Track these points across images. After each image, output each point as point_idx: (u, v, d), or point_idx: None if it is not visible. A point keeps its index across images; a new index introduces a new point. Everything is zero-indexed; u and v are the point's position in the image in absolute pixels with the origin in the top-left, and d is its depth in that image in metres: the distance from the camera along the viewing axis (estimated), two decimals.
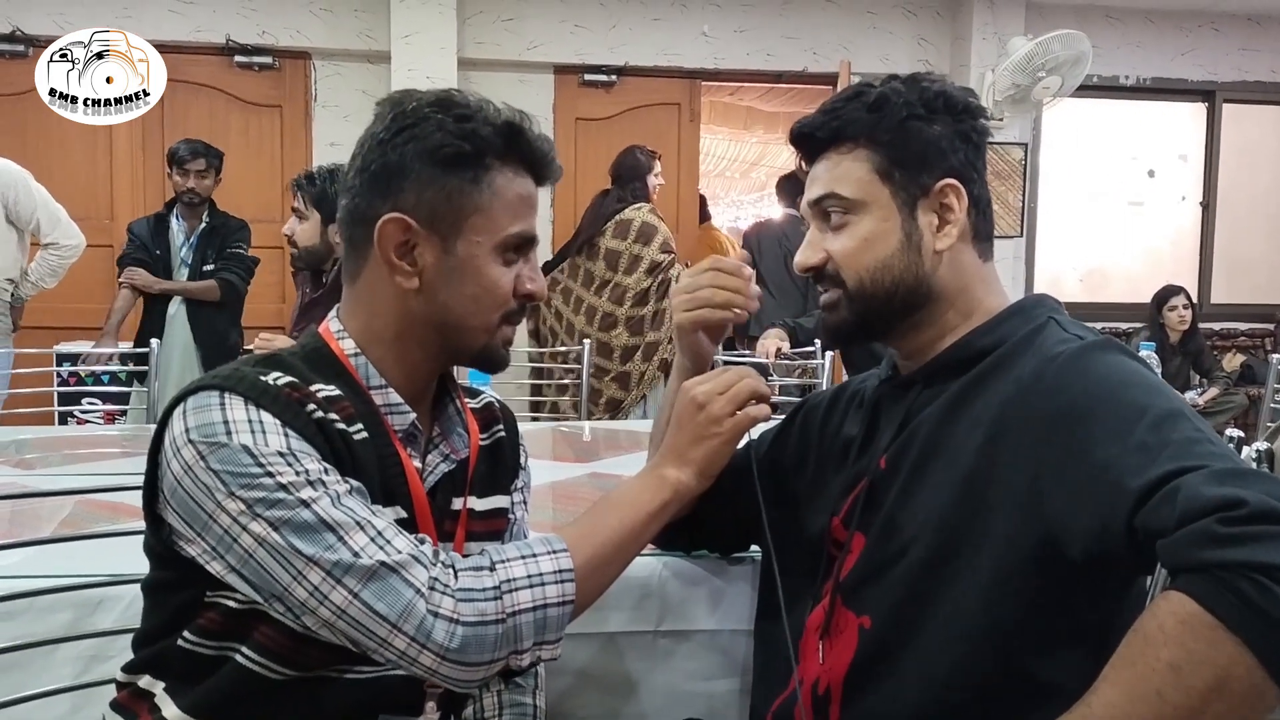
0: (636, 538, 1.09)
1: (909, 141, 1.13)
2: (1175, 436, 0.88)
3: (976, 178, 1.16)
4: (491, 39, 5.55)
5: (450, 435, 1.16)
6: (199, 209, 4.28)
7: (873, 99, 1.14)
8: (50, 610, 1.28)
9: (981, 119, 1.18)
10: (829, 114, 1.16)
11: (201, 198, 4.25)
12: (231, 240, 4.31)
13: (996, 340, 1.11)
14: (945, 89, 1.16)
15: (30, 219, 4.02)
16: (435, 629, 0.93)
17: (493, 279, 1.07)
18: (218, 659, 1.00)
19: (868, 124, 1.13)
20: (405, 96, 1.07)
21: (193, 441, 0.95)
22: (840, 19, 5.89)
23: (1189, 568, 0.80)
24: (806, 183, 1.20)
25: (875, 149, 1.13)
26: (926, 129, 1.13)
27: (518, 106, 1.11)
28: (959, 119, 1.15)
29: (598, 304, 4.22)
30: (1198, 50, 6.29)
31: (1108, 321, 6.02)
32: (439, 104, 1.05)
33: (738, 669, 1.40)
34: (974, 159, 1.16)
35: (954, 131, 1.15)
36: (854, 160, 1.14)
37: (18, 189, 3.98)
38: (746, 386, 1.16)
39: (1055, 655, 0.99)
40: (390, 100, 1.08)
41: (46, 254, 4.13)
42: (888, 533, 1.09)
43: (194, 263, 4.27)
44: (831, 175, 1.15)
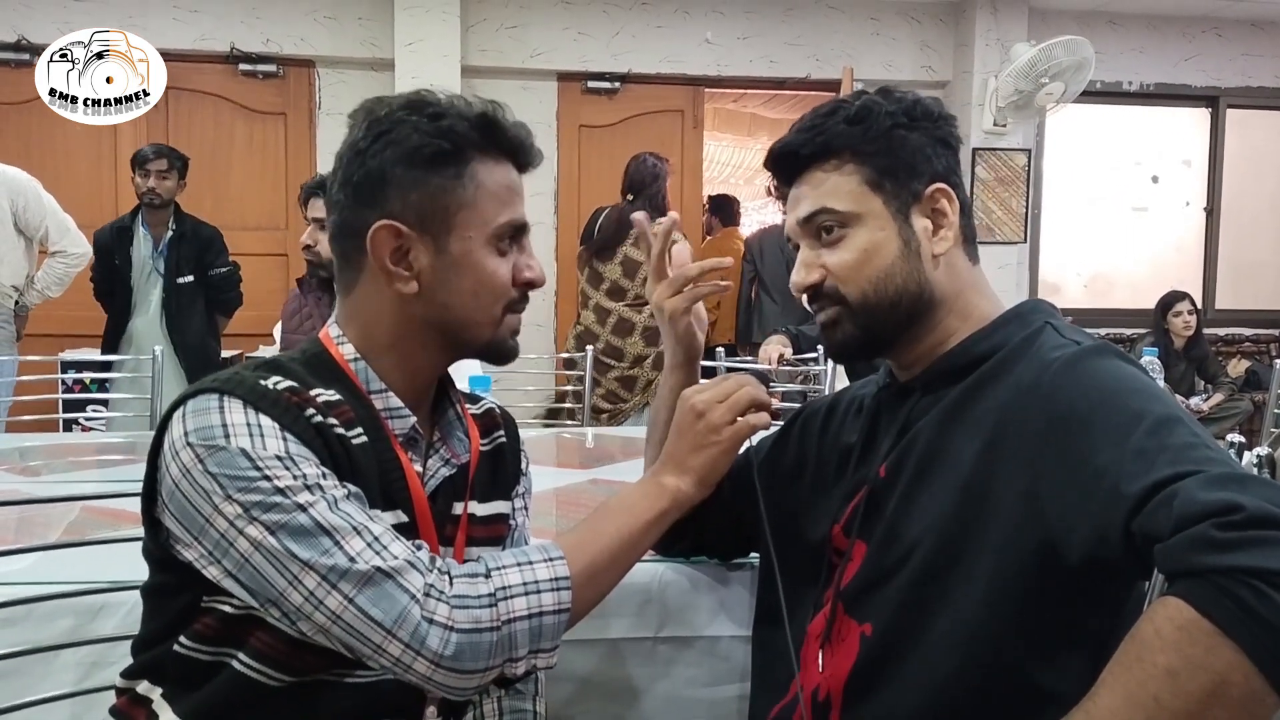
0: (634, 545, 1.09)
1: (895, 150, 1.13)
2: (1172, 441, 0.88)
3: (959, 182, 1.17)
4: (495, 46, 5.57)
5: (450, 439, 1.16)
6: (163, 213, 4.25)
7: (853, 112, 1.14)
8: (51, 616, 1.28)
9: (955, 126, 1.19)
10: (810, 130, 1.16)
11: (164, 199, 4.22)
12: (215, 260, 4.34)
13: (993, 346, 1.11)
14: (919, 97, 1.17)
15: (39, 227, 4.03)
16: (430, 636, 0.93)
17: (490, 271, 1.07)
18: (215, 664, 1.00)
19: (853, 136, 1.14)
20: (377, 104, 1.07)
21: (191, 444, 0.95)
22: (843, 26, 5.89)
23: (1186, 573, 0.79)
24: (789, 202, 1.19)
25: (862, 160, 1.13)
26: (910, 137, 1.14)
27: (521, 114, 1.12)
28: (937, 125, 1.16)
29: (612, 307, 4.22)
30: (1201, 56, 6.29)
31: (1112, 327, 6.01)
32: (411, 106, 1.05)
33: (738, 675, 1.40)
34: (954, 164, 1.17)
35: (934, 138, 1.16)
36: (841, 175, 1.14)
37: (27, 196, 4.00)
38: (746, 394, 1.15)
39: (1055, 661, 0.99)
40: (363, 109, 1.08)
41: (54, 262, 4.14)
42: (889, 540, 1.09)
43: (167, 272, 4.25)
44: (820, 191, 1.15)
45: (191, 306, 4.30)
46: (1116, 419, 0.92)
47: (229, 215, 5.29)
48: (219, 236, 4.40)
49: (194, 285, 4.30)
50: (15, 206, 3.94)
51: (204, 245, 4.32)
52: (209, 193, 5.30)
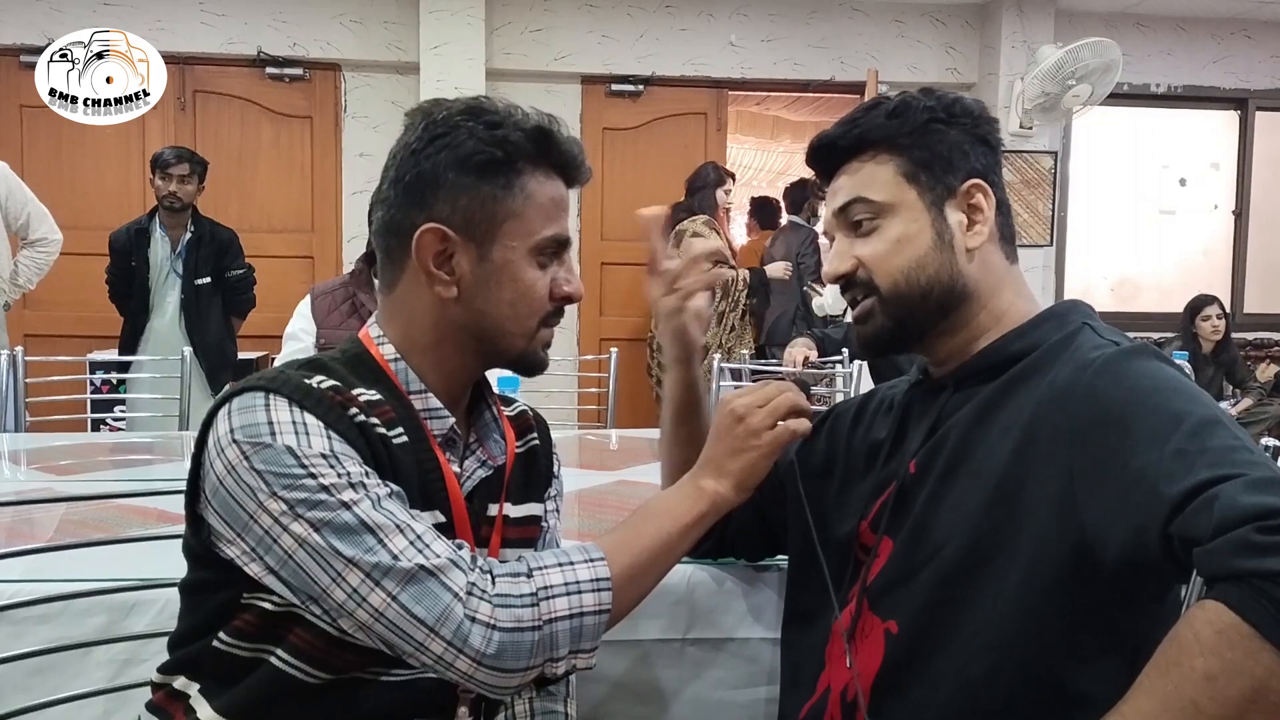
0: (673, 548, 1.09)
1: (932, 144, 1.14)
2: (1213, 444, 0.87)
3: (997, 181, 1.17)
4: (519, 49, 5.59)
5: (486, 441, 1.17)
6: (181, 216, 4.25)
7: (892, 106, 1.15)
8: (85, 614, 1.29)
9: (996, 127, 1.19)
10: (849, 124, 1.17)
11: (184, 203, 4.22)
12: (232, 262, 4.36)
13: (1030, 345, 1.10)
14: (960, 96, 1.18)
15: (21, 214, 3.89)
16: (472, 634, 0.93)
17: (528, 282, 1.08)
18: (253, 661, 1.00)
19: (890, 130, 1.14)
20: (435, 106, 1.08)
21: (237, 441, 0.96)
22: (867, 28, 5.88)
23: (1226, 576, 0.79)
24: (828, 195, 1.21)
25: (899, 153, 1.14)
26: (947, 132, 1.15)
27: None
28: (976, 124, 1.17)
29: None
30: (1230, 58, 6.24)
31: (1140, 332, 5.96)
32: (469, 112, 1.06)
33: (767, 678, 1.40)
34: (994, 163, 1.18)
35: (973, 135, 1.16)
36: (878, 165, 1.15)
37: (9, 183, 3.86)
38: (786, 400, 1.15)
39: (1088, 664, 0.98)
40: (421, 110, 1.09)
41: (34, 251, 3.98)
42: (917, 537, 1.09)
43: (186, 274, 4.26)
44: (856, 181, 1.16)
45: (210, 308, 4.33)
46: (1156, 420, 0.91)
47: (254, 217, 5.34)
48: (236, 239, 4.42)
49: (211, 287, 4.32)
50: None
51: (222, 247, 4.34)
52: (235, 195, 5.35)
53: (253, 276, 4.47)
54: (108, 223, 4.50)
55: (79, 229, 4.69)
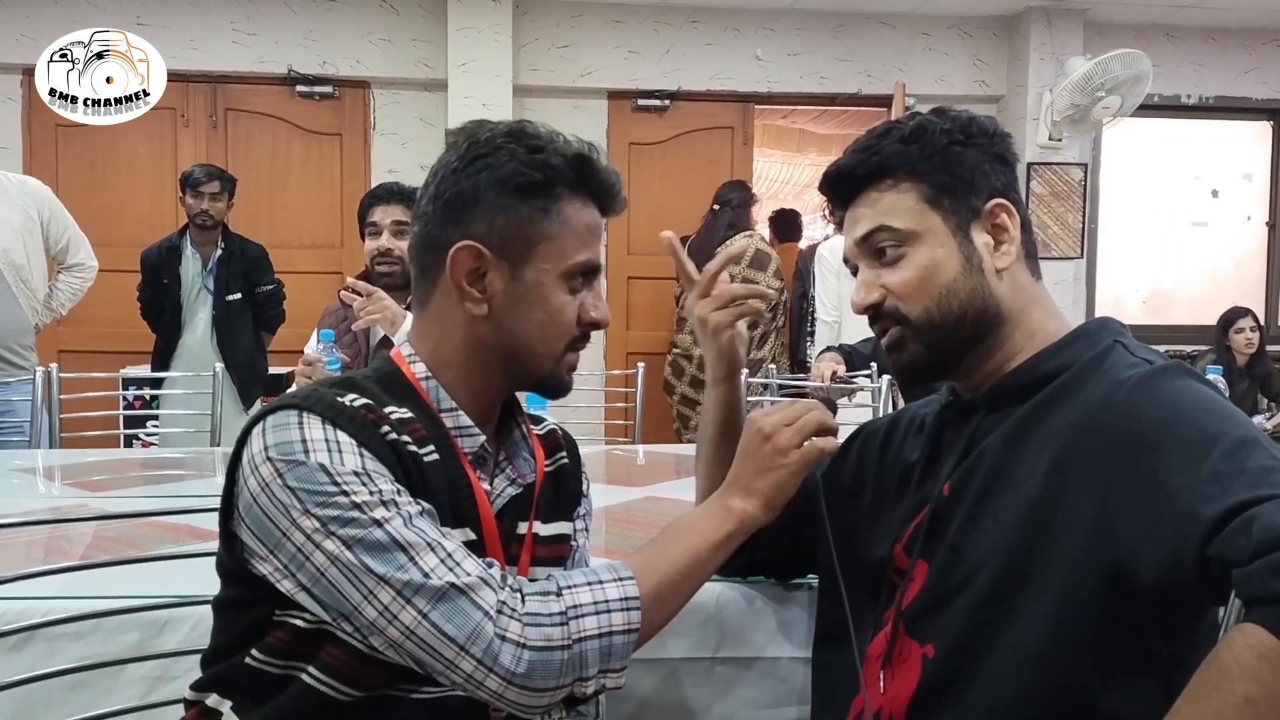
0: (702, 567, 1.09)
1: (952, 167, 1.13)
2: (1250, 464, 0.86)
3: (1018, 198, 1.17)
4: (546, 66, 5.62)
5: (516, 459, 1.17)
6: (212, 233, 4.30)
7: (908, 131, 1.14)
8: (118, 631, 1.30)
9: (1011, 142, 1.19)
10: (866, 151, 1.16)
11: (215, 220, 4.27)
12: (262, 278, 4.40)
13: (1062, 364, 1.09)
14: (973, 115, 1.17)
15: (61, 238, 3.89)
16: (502, 652, 0.93)
17: (558, 305, 1.09)
18: (285, 678, 1.01)
19: (909, 156, 1.13)
20: (479, 126, 1.10)
21: (271, 459, 0.97)
22: (894, 41, 5.86)
23: (1266, 600, 0.78)
24: (846, 224, 1.20)
25: (919, 179, 1.13)
26: (967, 153, 1.14)
27: (572, 132, 1.13)
28: (993, 141, 1.16)
29: None
30: (1262, 68, 6.17)
31: (1171, 344, 5.90)
32: (512, 134, 1.08)
33: (796, 698, 1.39)
34: (1012, 180, 1.17)
35: (991, 154, 1.15)
36: (898, 193, 1.14)
37: (52, 207, 3.86)
38: (814, 419, 1.15)
39: (1124, 687, 0.97)
40: (464, 130, 1.11)
41: (70, 276, 3.97)
42: (952, 560, 1.08)
43: (217, 290, 4.30)
44: (877, 210, 1.15)
45: (240, 323, 4.37)
46: (1191, 440, 0.91)
47: (284, 234, 5.38)
48: (265, 255, 4.47)
49: (242, 303, 4.36)
50: (42, 217, 3.79)
51: (252, 263, 4.38)
52: (265, 212, 5.39)
53: (283, 292, 4.51)
54: (140, 240, 4.54)
55: (112, 246, 4.74)
